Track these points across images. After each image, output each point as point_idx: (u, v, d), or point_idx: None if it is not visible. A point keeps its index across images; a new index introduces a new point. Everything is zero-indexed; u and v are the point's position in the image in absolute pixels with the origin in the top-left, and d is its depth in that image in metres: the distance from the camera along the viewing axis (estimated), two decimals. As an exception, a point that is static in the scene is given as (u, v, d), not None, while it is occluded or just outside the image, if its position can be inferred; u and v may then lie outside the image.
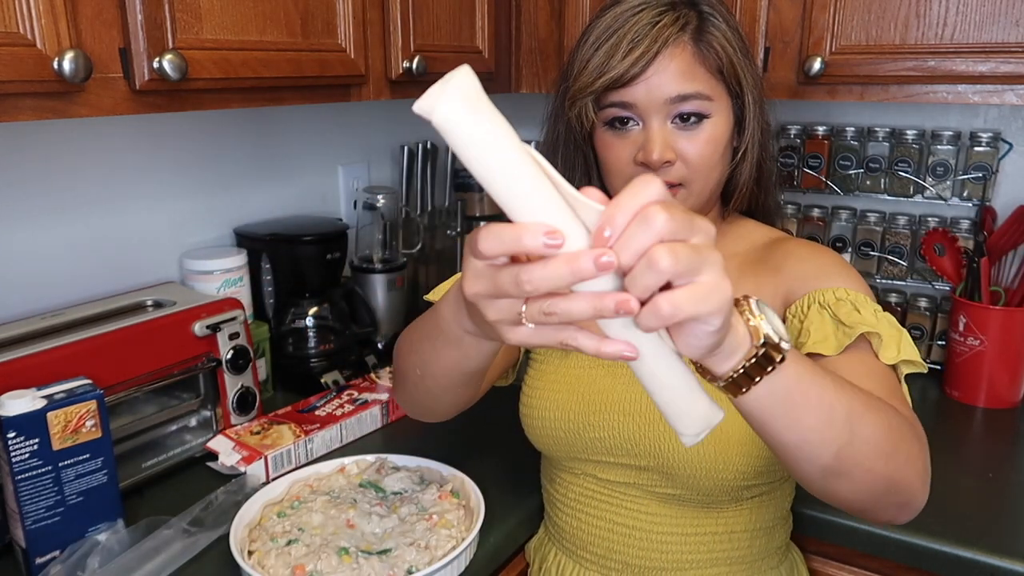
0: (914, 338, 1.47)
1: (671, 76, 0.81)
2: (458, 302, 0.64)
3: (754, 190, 0.91)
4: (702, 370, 0.54)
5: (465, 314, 0.62)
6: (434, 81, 0.42)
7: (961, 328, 1.33)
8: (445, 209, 1.75)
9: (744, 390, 0.54)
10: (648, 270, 0.43)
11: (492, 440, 1.16)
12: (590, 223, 0.45)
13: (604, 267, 0.43)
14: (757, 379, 0.53)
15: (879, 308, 0.80)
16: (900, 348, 0.77)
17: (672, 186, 0.85)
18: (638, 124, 0.84)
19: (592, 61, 0.83)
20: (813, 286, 0.82)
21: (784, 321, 0.82)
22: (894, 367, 0.77)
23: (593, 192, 0.46)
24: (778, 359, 0.53)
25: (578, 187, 0.46)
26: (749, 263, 0.90)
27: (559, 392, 0.92)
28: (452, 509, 0.96)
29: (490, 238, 0.46)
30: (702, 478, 0.85)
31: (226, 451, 1.08)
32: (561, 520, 0.98)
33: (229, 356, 1.12)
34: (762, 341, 0.52)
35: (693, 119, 0.82)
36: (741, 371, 0.52)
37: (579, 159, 0.91)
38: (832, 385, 0.59)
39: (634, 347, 0.48)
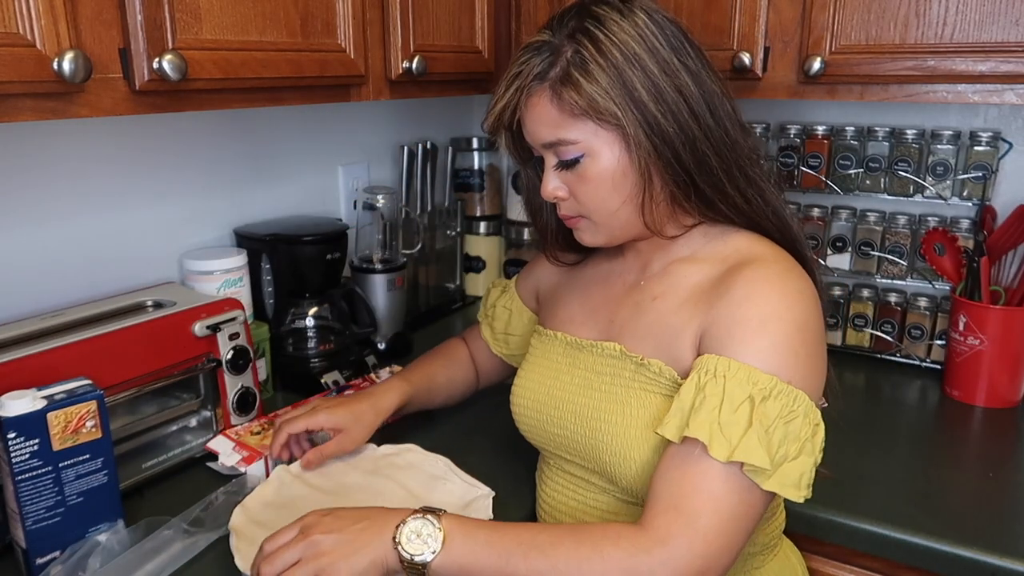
0: (914, 338, 1.48)
1: (534, 124, 0.83)
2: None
3: (705, 202, 0.84)
4: None
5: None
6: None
7: (961, 328, 1.33)
8: (445, 209, 1.75)
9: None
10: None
11: (493, 440, 1.16)
12: None
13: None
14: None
15: (759, 387, 0.73)
16: (735, 448, 0.71)
17: (574, 218, 0.88)
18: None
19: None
20: (716, 346, 0.77)
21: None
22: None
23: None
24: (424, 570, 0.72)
25: None
26: (703, 291, 0.83)
27: (535, 383, 0.96)
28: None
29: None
30: (640, 488, 0.83)
31: (226, 451, 1.08)
32: (541, 517, 1.00)
33: (229, 356, 1.12)
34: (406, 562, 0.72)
35: (570, 159, 0.82)
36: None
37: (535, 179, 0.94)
38: (506, 567, 0.71)
39: None
